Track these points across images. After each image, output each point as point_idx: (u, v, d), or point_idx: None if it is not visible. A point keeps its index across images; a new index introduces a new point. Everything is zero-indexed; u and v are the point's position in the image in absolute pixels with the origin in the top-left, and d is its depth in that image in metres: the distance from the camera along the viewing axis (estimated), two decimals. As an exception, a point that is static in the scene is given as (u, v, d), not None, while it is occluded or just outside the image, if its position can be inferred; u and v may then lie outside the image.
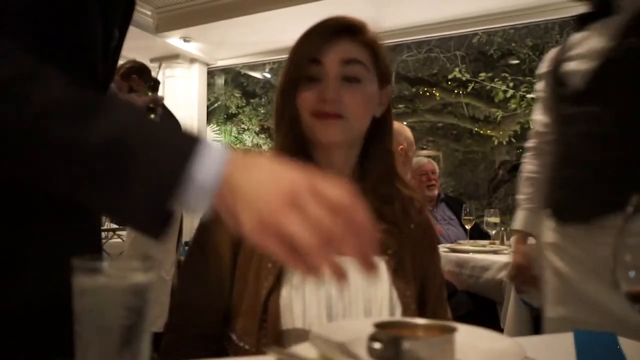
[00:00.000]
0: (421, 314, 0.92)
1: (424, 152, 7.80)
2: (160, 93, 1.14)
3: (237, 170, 0.52)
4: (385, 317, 0.85)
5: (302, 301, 0.82)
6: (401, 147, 2.44)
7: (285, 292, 0.83)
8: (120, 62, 0.80)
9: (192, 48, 5.38)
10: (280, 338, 0.81)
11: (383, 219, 0.91)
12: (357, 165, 0.96)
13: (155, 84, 1.12)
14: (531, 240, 1.66)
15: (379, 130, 0.96)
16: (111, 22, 0.73)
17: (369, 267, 0.50)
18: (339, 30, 0.90)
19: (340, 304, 0.84)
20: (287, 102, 0.92)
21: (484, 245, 2.64)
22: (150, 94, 1.11)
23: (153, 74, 1.16)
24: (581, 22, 1.46)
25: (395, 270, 0.90)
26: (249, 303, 0.84)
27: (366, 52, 0.91)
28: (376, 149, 0.95)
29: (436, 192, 3.39)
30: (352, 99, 0.88)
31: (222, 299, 0.87)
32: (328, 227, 0.47)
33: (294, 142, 0.92)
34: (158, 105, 1.07)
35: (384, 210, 0.92)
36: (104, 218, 1.87)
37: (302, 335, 0.78)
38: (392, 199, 0.93)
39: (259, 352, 0.80)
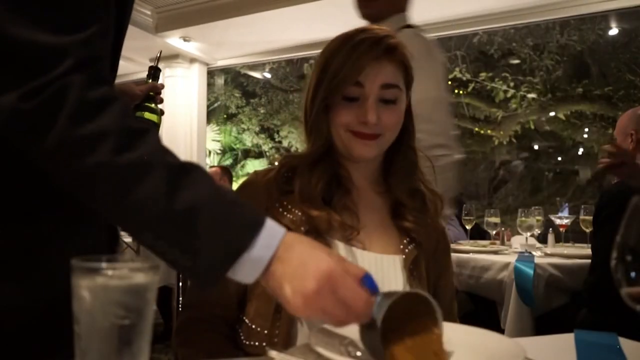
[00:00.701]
0: None
1: (424, 152, 7.77)
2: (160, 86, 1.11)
3: (286, 249, 0.61)
4: None
5: None
6: None
7: None
8: (121, 62, 0.80)
9: (191, 48, 5.37)
10: (293, 323, 0.84)
11: (408, 211, 0.96)
12: (383, 162, 1.01)
13: (155, 72, 1.09)
14: None
15: (402, 130, 0.99)
16: (121, 28, 0.74)
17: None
18: (380, 54, 0.91)
19: None
20: (319, 115, 0.93)
21: (484, 246, 2.64)
22: (150, 81, 1.09)
23: (152, 64, 1.13)
24: None
25: (411, 270, 0.92)
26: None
27: (401, 73, 0.94)
28: (400, 146, 0.99)
29: None
30: (388, 119, 0.92)
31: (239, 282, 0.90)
32: (350, 304, 0.60)
33: (322, 149, 0.95)
34: (158, 93, 1.05)
35: (409, 202, 0.97)
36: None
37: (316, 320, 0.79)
38: (416, 193, 0.98)
39: (272, 334, 0.83)
